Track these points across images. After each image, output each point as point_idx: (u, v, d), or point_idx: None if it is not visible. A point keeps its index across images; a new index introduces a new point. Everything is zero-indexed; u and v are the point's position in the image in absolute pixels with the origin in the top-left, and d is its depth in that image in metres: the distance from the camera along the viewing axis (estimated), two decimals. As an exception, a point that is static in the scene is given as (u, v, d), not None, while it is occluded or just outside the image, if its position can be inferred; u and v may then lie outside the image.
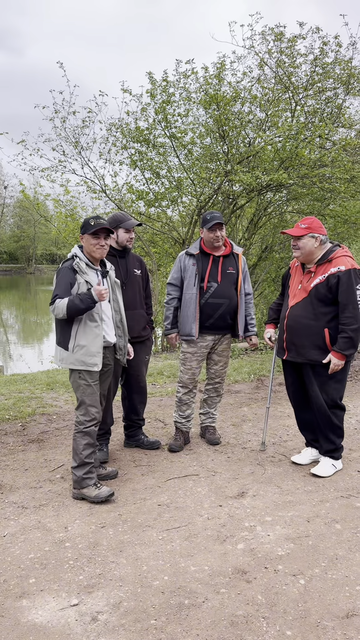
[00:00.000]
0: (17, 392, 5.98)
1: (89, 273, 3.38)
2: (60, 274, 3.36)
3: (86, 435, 3.40)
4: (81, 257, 3.41)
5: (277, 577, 2.61)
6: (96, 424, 3.45)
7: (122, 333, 3.64)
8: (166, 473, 3.83)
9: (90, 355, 3.33)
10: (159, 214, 10.06)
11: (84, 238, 3.42)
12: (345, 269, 3.51)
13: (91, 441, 3.42)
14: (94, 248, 3.42)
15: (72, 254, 3.45)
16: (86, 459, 3.39)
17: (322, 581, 2.58)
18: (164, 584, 2.55)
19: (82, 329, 3.33)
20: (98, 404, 3.46)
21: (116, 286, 3.61)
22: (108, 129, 8.96)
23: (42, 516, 3.19)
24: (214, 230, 4.09)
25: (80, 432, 3.41)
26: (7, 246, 61.04)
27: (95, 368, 3.37)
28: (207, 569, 2.67)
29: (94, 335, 3.35)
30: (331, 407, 3.69)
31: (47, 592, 2.48)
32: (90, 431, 3.41)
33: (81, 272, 3.34)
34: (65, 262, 3.42)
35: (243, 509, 3.29)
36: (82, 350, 3.32)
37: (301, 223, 3.73)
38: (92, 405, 3.42)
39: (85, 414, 3.41)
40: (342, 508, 3.32)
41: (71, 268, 3.35)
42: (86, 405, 3.41)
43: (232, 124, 8.57)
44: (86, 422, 3.40)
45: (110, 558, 2.76)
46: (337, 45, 8.09)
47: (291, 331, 3.74)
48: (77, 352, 3.32)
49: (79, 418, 3.43)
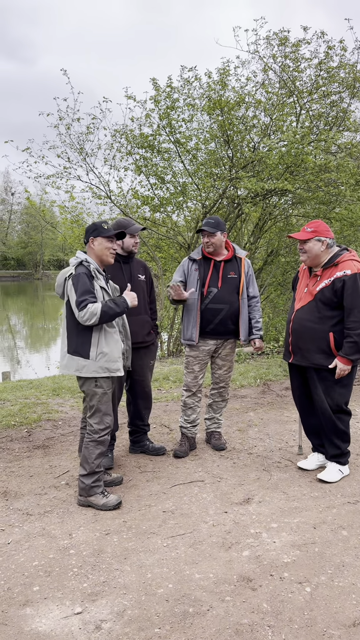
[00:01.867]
0: (23, 397, 5.99)
1: (100, 278, 3.37)
2: (79, 279, 3.23)
3: (100, 445, 3.37)
4: (91, 262, 3.35)
5: (282, 584, 2.58)
6: (109, 432, 3.44)
7: (125, 337, 3.63)
8: (171, 479, 3.81)
9: (113, 361, 3.32)
10: (164, 219, 10.07)
11: (95, 241, 3.37)
12: (351, 273, 3.49)
13: (104, 450, 3.40)
14: (108, 252, 3.40)
15: (82, 259, 3.34)
16: (97, 468, 3.37)
17: (329, 589, 2.55)
18: (168, 591, 2.53)
19: (104, 336, 3.30)
20: (112, 411, 3.45)
21: (116, 291, 3.59)
22: (113, 135, 9.00)
23: (46, 523, 3.18)
24: (203, 236, 4.14)
25: (94, 441, 3.37)
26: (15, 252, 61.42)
27: (119, 373, 3.36)
28: (212, 577, 2.64)
29: (114, 341, 3.34)
30: (336, 412, 3.66)
31: (50, 600, 2.46)
32: (105, 440, 3.40)
33: (96, 278, 3.31)
34: (78, 268, 3.30)
35: (248, 515, 3.27)
36: (105, 357, 3.29)
37: (307, 227, 3.72)
38: (107, 413, 3.40)
39: (99, 422, 3.37)
40: (349, 514, 3.28)
41: (87, 274, 3.26)
42: (102, 414, 3.37)
43: (237, 128, 8.58)
44: (101, 431, 3.37)
45: (115, 565, 2.74)
46: (342, 50, 8.08)
47: (296, 334, 3.72)
48: (101, 360, 3.28)
49: (93, 427, 3.38)
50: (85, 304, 3.16)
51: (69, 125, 8.73)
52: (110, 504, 3.33)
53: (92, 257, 3.40)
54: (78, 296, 3.19)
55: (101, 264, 3.44)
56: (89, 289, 3.21)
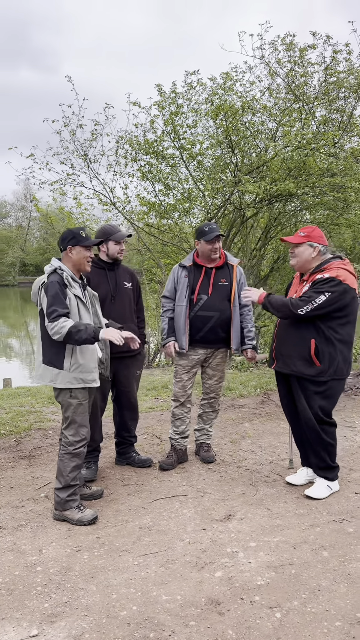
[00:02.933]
0: (18, 405, 5.94)
1: (75, 287, 3.29)
2: (51, 288, 3.14)
3: (75, 457, 3.28)
4: (65, 270, 3.27)
5: (252, 609, 2.45)
6: (85, 445, 3.34)
7: (104, 346, 3.54)
8: (153, 493, 3.70)
9: (88, 371, 3.23)
10: (170, 225, 9.99)
11: (74, 250, 3.30)
12: (328, 276, 3.37)
13: (79, 463, 3.31)
14: (85, 261, 3.34)
15: (56, 266, 3.26)
16: (72, 481, 3.28)
17: (300, 615, 2.41)
18: (131, 614, 2.42)
19: (79, 346, 3.22)
20: (88, 423, 3.36)
21: (94, 298, 3.50)
22: (117, 141, 8.96)
23: (18, 537, 3.10)
24: (213, 242, 3.99)
25: (69, 453, 3.28)
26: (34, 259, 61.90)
27: (95, 384, 3.28)
28: (179, 599, 2.53)
29: (89, 351, 3.26)
30: (320, 423, 3.52)
31: (7, 621, 2.37)
32: (80, 453, 3.30)
33: (70, 286, 3.23)
34: (50, 276, 3.23)
35: (227, 533, 3.14)
36: (79, 368, 3.21)
37: (301, 231, 3.62)
38: (83, 425, 3.31)
39: (74, 434, 3.28)
40: (332, 533, 3.13)
41: (60, 282, 3.18)
42: (77, 425, 3.28)
43: (243, 134, 8.48)
44: (76, 443, 3.28)
45: (80, 585, 2.64)
46: (348, 53, 7.94)
47: (280, 339, 3.61)
48: (75, 370, 3.20)
49: (68, 439, 3.29)
50: (54, 316, 3.07)
51: (73, 131, 8.73)
52: (86, 519, 3.24)
53: (69, 264, 3.33)
54: (48, 306, 3.11)
55: (77, 272, 3.37)
56: (60, 299, 3.13)
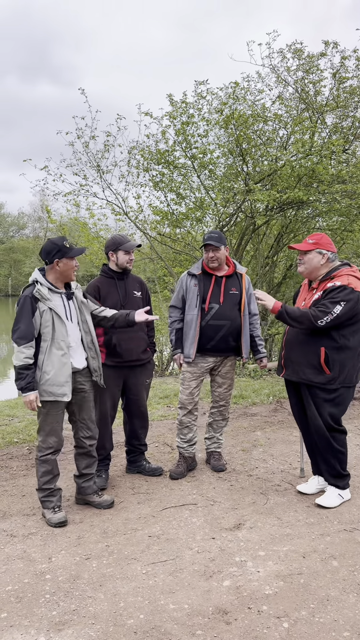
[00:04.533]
0: (32, 414, 5.99)
1: (53, 298, 3.32)
2: (20, 304, 3.25)
3: (44, 464, 3.38)
4: (43, 283, 3.33)
5: (259, 618, 2.44)
6: (54, 453, 3.41)
7: (95, 354, 3.56)
8: (163, 501, 3.71)
9: (58, 385, 3.26)
10: (182, 234, 10.05)
11: (61, 262, 3.35)
12: (340, 284, 3.36)
13: (49, 468, 3.39)
14: (72, 272, 3.42)
15: (33, 279, 3.34)
16: (44, 485, 3.40)
17: (308, 625, 2.40)
18: (138, 622, 2.43)
19: (49, 358, 3.26)
20: (58, 433, 3.41)
21: (83, 306, 3.52)
22: (129, 152, 9.06)
23: (28, 545, 3.13)
24: (207, 251, 4.03)
25: (37, 458, 3.41)
26: (50, 268, 62.48)
27: (65, 398, 3.30)
28: (186, 608, 2.53)
29: (61, 363, 3.28)
30: (329, 430, 3.49)
31: (16, 629, 2.40)
32: (48, 459, 3.38)
33: (43, 299, 3.27)
34: (25, 290, 3.32)
35: (236, 542, 3.13)
36: (48, 381, 3.25)
37: (309, 238, 3.63)
38: (51, 434, 3.38)
39: (42, 441, 3.39)
40: (342, 543, 3.11)
41: (31, 296, 3.25)
42: (45, 434, 3.37)
43: (254, 142, 8.52)
44: (44, 450, 3.37)
45: (89, 593, 2.66)
46: (357, 60, 7.94)
47: (289, 347, 3.61)
48: (45, 383, 3.25)
49: (38, 444, 3.42)
50: (15, 337, 3.21)
51: (86, 143, 8.85)
52: (52, 521, 3.35)
53: (54, 275, 3.39)
54: (14, 322, 3.25)
55: (63, 282, 3.44)
56: (24, 317, 3.23)
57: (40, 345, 3.27)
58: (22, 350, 3.19)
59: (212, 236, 4.05)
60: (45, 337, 3.26)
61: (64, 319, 3.32)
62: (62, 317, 3.32)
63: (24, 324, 3.21)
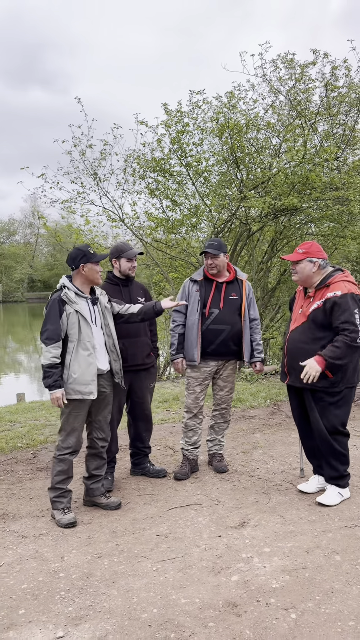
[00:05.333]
0: (33, 419, 6.08)
1: (79, 302, 3.48)
2: (49, 306, 3.45)
3: (61, 463, 3.49)
4: (70, 287, 3.50)
5: (268, 610, 2.55)
6: (72, 453, 3.52)
7: (117, 357, 3.70)
8: (169, 502, 3.81)
9: (85, 384, 3.39)
10: (178, 240, 10.18)
11: (86, 267, 3.51)
12: (342, 294, 3.49)
13: (64, 468, 3.50)
14: (98, 275, 3.57)
15: (61, 284, 3.54)
16: (57, 484, 3.50)
17: (315, 615, 2.51)
18: (152, 616, 2.53)
19: (75, 358, 3.40)
20: (79, 434, 3.53)
21: (106, 311, 3.67)
22: (126, 160, 9.19)
23: (40, 545, 3.21)
24: (207, 258, 4.17)
25: (55, 457, 3.52)
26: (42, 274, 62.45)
27: (92, 396, 3.43)
28: (197, 602, 2.63)
29: (87, 363, 3.42)
30: (332, 433, 3.62)
31: (34, 624, 2.49)
32: (65, 459, 3.49)
33: (70, 302, 3.44)
34: (54, 294, 3.51)
35: (242, 539, 3.24)
36: (75, 380, 3.39)
37: (299, 248, 3.75)
38: (71, 434, 3.49)
39: (63, 441, 3.50)
40: (344, 539, 3.23)
41: (59, 299, 3.44)
42: (66, 433, 3.50)
43: (248, 150, 8.68)
44: (63, 449, 3.49)
45: (102, 589, 2.75)
46: (347, 69, 8.15)
47: (291, 355, 3.72)
48: (72, 382, 3.38)
49: (58, 443, 3.53)
50: (44, 337, 3.37)
51: (83, 151, 8.97)
52: (62, 522, 3.44)
53: (81, 280, 3.54)
54: (43, 324, 3.42)
55: (89, 287, 3.60)
56: (53, 319, 3.39)
57: (67, 346, 3.41)
58: (50, 350, 3.35)
59: (212, 244, 4.19)
60: (72, 338, 3.41)
61: (89, 322, 3.47)
62: (87, 319, 3.46)
63: (51, 325, 3.38)
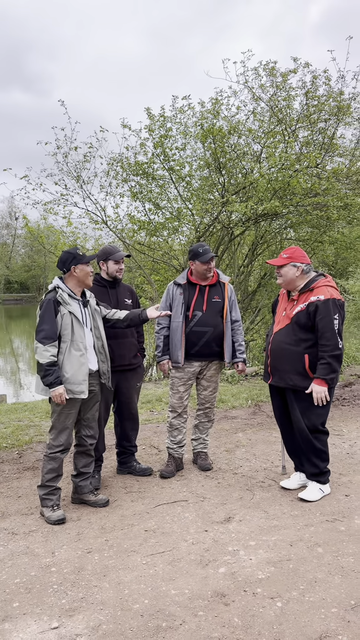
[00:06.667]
0: (17, 420, 6.10)
1: (72, 303, 3.54)
2: (44, 307, 3.50)
3: (51, 461, 3.56)
4: (63, 289, 3.57)
5: (255, 600, 2.66)
6: (63, 451, 3.59)
7: (105, 358, 3.78)
8: (156, 499, 3.90)
9: (76, 383, 3.46)
10: (160, 243, 10.29)
11: (77, 268, 3.58)
12: (324, 299, 3.63)
13: (55, 466, 3.57)
14: (89, 276, 3.64)
15: (54, 285, 3.59)
16: (48, 482, 3.56)
17: (299, 604, 2.63)
18: (143, 607, 2.61)
19: (68, 358, 3.47)
20: (69, 432, 3.60)
21: (96, 314, 3.75)
22: (109, 164, 9.26)
23: (30, 542, 3.27)
24: (208, 263, 4.24)
25: (46, 455, 3.58)
26: (18, 276, 61.84)
27: (83, 396, 3.50)
28: (187, 593, 2.73)
29: (79, 363, 3.49)
30: (313, 432, 3.76)
31: (29, 616, 2.55)
32: (56, 457, 3.56)
33: (64, 304, 3.50)
34: (47, 295, 3.57)
35: (228, 533, 3.35)
36: (67, 380, 3.45)
37: (284, 253, 3.89)
38: (62, 432, 3.57)
39: (54, 439, 3.57)
40: (325, 532, 3.36)
41: (54, 300, 3.50)
42: (57, 431, 3.57)
43: (230, 155, 8.84)
44: (54, 447, 3.56)
45: (94, 582, 2.83)
46: (327, 79, 8.37)
47: (274, 356, 3.85)
48: (65, 382, 3.45)
49: (49, 442, 3.60)
50: (40, 337, 3.42)
51: (66, 153, 9.00)
52: (52, 519, 3.50)
53: (73, 282, 3.60)
54: (37, 324, 3.47)
55: (81, 288, 3.66)
56: (48, 319, 3.44)
57: (60, 346, 3.47)
58: (48, 349, 3.41)
59: (209, 249, 4.29)
60: (64, 338, 3.48)
61: (81, 323, 3.54)
62: (80, 320, 3.53)
63: (48, 324, 3.43)
